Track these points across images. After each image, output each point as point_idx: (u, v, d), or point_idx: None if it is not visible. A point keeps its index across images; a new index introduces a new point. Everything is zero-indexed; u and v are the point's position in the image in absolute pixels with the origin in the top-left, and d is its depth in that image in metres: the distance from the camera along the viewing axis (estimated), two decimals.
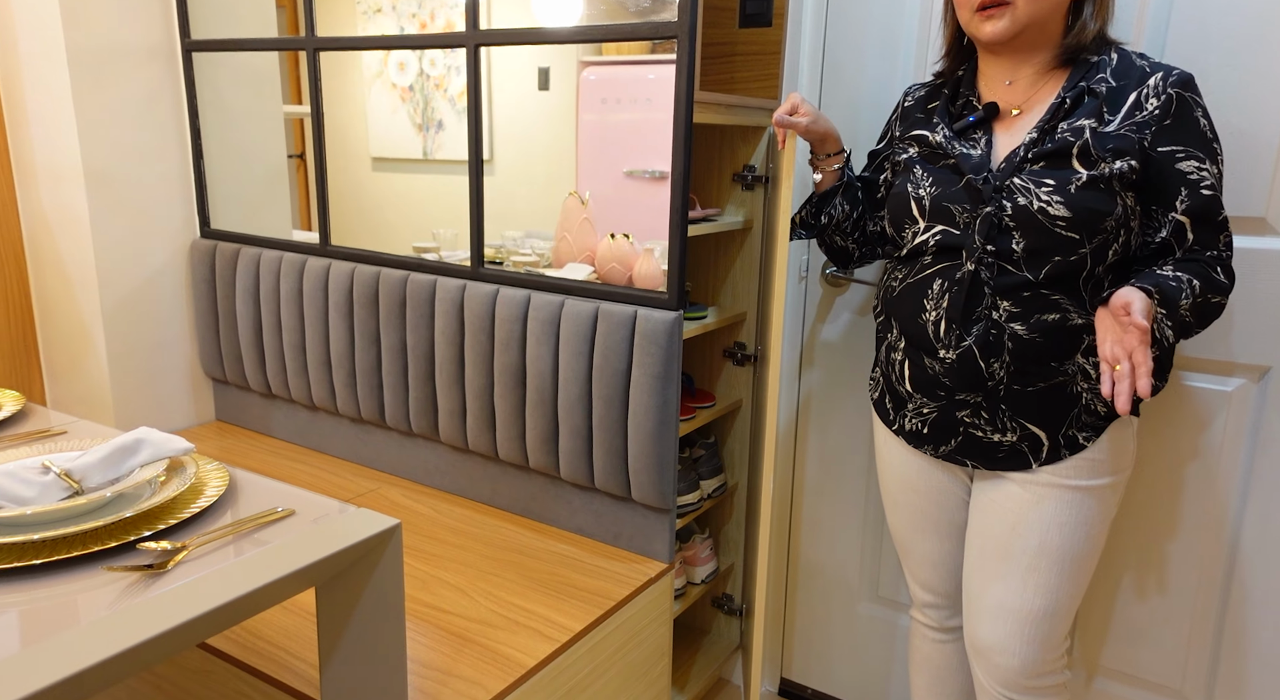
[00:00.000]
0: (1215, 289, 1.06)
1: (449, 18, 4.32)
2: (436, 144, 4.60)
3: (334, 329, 1.70)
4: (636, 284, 1.79)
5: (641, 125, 3.66)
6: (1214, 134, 1.07)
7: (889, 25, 1.49)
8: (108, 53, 1.66)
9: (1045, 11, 1.08)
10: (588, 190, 3.85)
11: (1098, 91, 1.08)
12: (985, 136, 1.16)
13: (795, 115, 1.29)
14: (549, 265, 2.03)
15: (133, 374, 1.80)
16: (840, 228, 1.36)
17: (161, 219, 1.81)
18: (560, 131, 3.77)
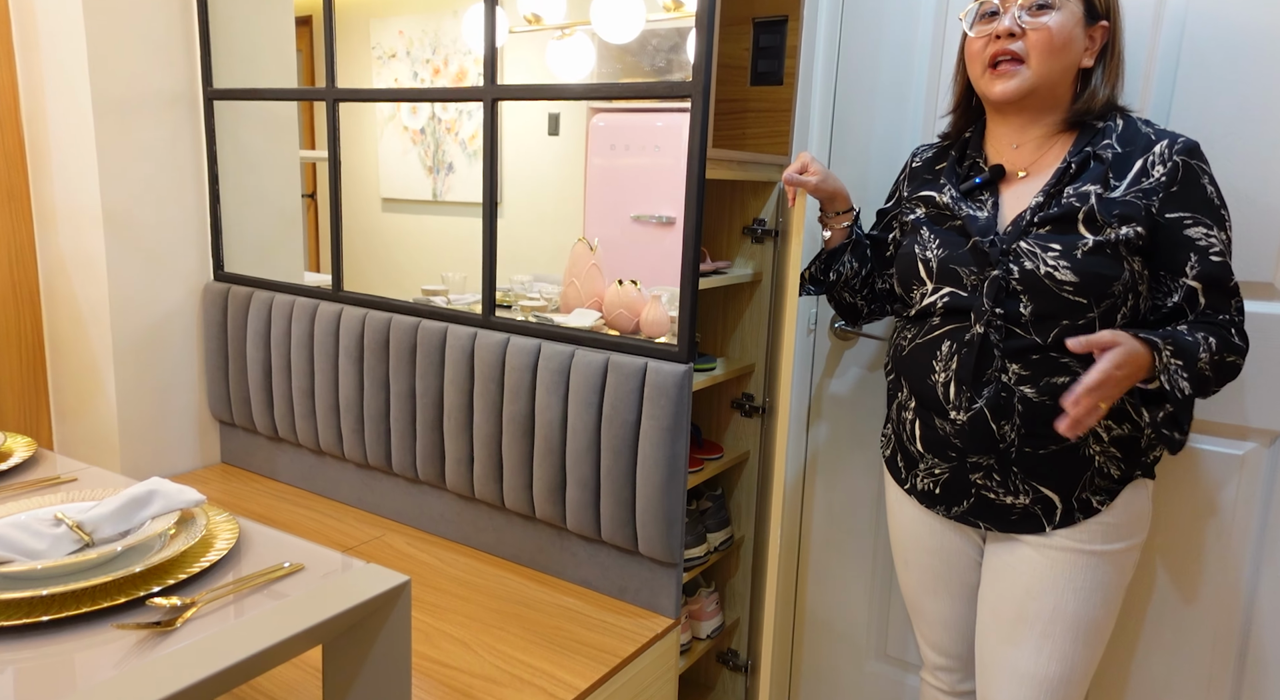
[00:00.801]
0: (1231, 349, 1.06)
1: (462, 64, 4.39)
2: (446, 186, 4.64)
3: (344, 374, 1.70)
4: (643, 330, 1.79)
5: (649, 171, 3.70)
6: (1221, 200, 1.08)
7: (897, 86, 1.52)
8: (132, 100, 1.69)
9: (1056, 73, 1.10)
10: (596, 236, 3.88)
11: (1103, 157, 1.10)
12: (992, 198, 1.17)
13: (805, 174, 1.31)
14: (557, 309, 2.04)
15: (141, 416, 1.80)
16: (849, 284, 1.37)
17: (176, 262, 1.83)
18: (569, 175, 3.82)
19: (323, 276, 2.44)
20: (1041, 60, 1.09)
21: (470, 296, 2.02)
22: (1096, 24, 1.11)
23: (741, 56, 1.64)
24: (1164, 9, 1.28)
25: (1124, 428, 1.12)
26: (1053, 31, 1.08)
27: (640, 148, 3.24)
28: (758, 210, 1.66)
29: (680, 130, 2.27)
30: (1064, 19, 1.08)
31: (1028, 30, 1.09)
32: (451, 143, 4.03)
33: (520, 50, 3.04)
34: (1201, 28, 1.26)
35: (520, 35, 2.60)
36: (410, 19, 3.96)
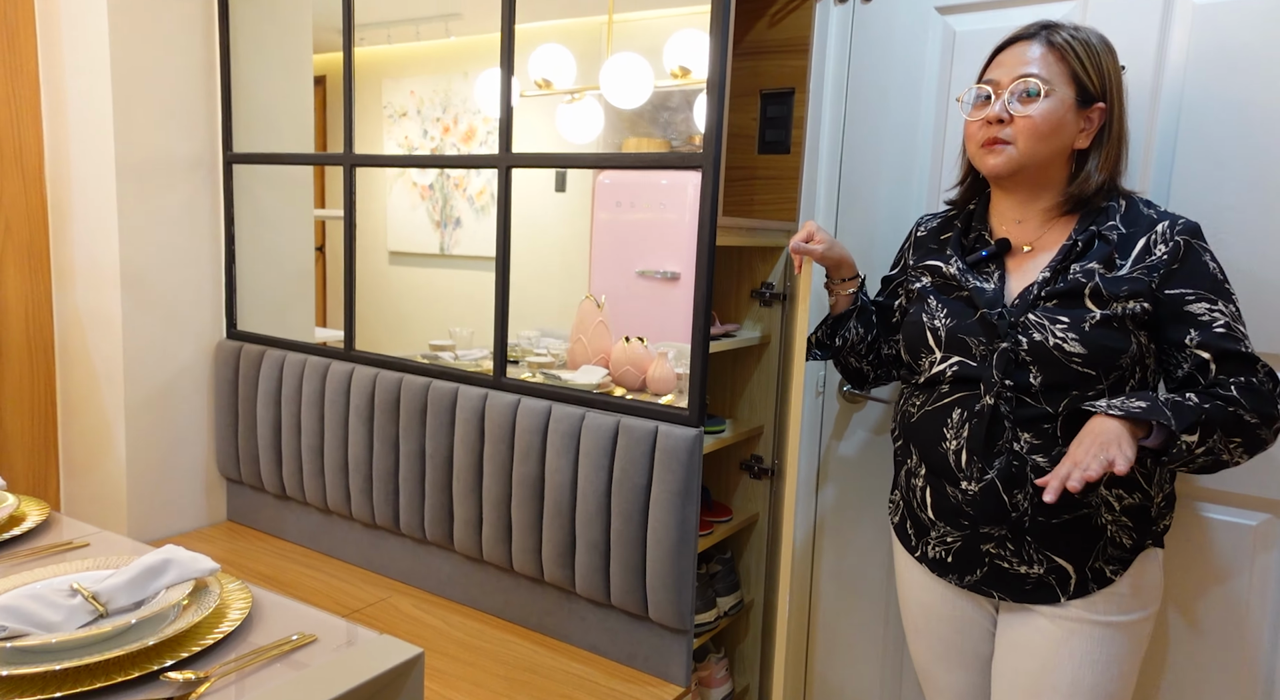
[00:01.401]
0: (1243, 408, 1.03)
1: (471, 122, 4.48)
2: (454, 240, 4.70)
3: (353, 433, 1.71)
4: (650, 387, 1.80)
5: (655, 227, 3.74)
6: (1224, 276, 1.10)
7: (902, 155, 1.56)
8: (153, 164, 1.73)
9: (1045, 156, 1.13)
10: (602, 291, 3.91)
11: (1109, 238, 1.12)
12: (998, 271, 1.19)
13: (811, 242, 1.34)
14: (563, 365, 2.06)
15: (149, 472, 1.80)
16: (854, 350, 1.39)
17: (190, 319, 1.85)
18: (575, 231, 3.86)
19: (331, 331, 2.46)
20: (1028, 143, 1.12)
21: (478, 352, 2.04)
22: (1091, 106, 1.13)
23: (749, 126, 1.69)
24: (1161, 87, 1.32)
25: (1134, 497, 1.13)
26: (1037, 120, 1.11)
27: (646, 204, 3.29)
28: (766, 274, 1.69)
29: (685, 187, 2.31)
30: (1051, 106, 1.11)
31: (1015, 117, 1.12)
32: (460, 198, 4.10)
33: (530, 113, 3.12)
34: (1200, 105, 1.30)
35: (531, 99, 2.67)
36: (422, 79, 4.06)
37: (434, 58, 4.04)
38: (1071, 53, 1.12)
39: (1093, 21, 1.35)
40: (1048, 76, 1.11)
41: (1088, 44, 1.13)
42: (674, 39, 2.23)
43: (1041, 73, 1.11)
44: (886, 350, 1.40)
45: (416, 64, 4.10)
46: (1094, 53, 1.13)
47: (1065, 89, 1.12)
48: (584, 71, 2.62)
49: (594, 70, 2.61)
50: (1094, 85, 1.13)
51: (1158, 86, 1.32)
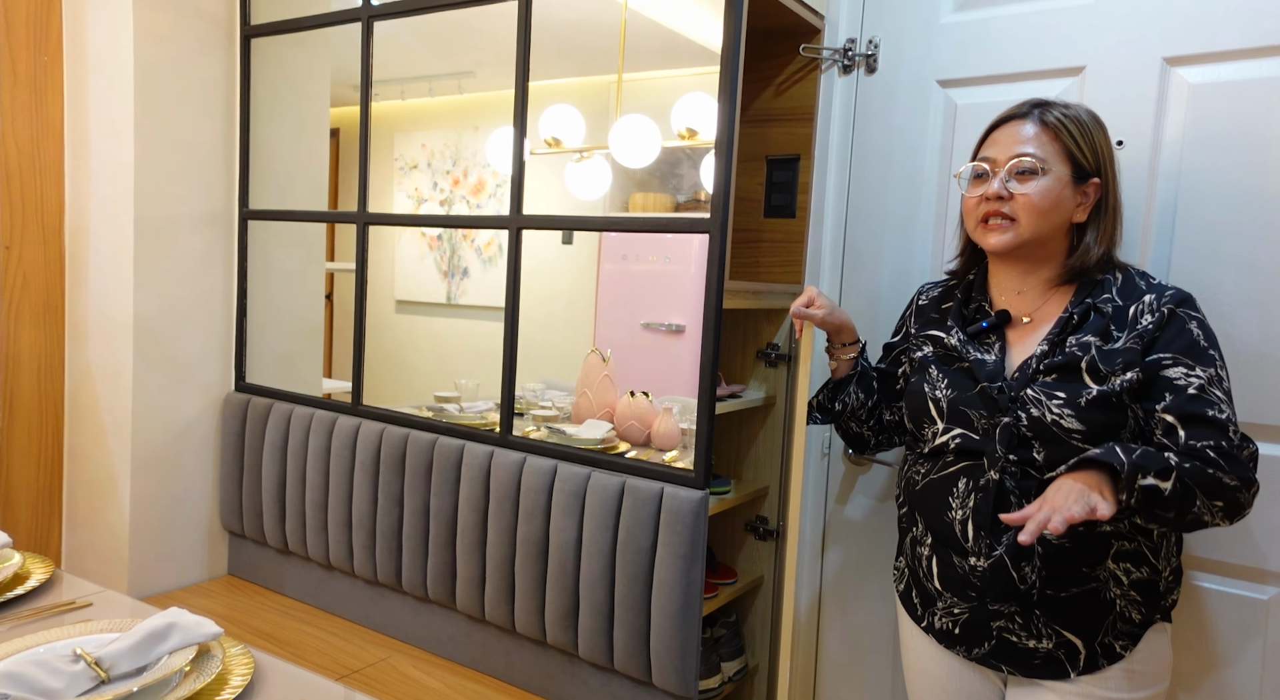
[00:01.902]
0: (1209, 463, 1.01)
1: (480, 175, 4.53)
2: (461, 290, 4.73)
3: (358, 488, 1.71)
4: (654, 442, 1.80)
5: (660, 279, 3.79)
6: (1210, 342, 1.10)
7: (905, 222, 1.59)
8: (171, 220, 1.77)
9: (1046, 231, 1.15)
10: (607, 342, 3.94)
11: (1104, 311, 1.13)
12: (999, 342, 1.20)
13: (811, 307, 1.35)
14: (568, 419, 2.06)
15: (152, 526, 1.80)
16: (855, 415, 1.40)
17: (199, 372, 1.87)
18: (581, 283, 3.91)
19: (337, 382, 2.47)
20: (1030, 220, 1.14)
21: (483, 404, 2.04)
22: (1087, 181, 1.16)
23: (755, 190, 1.73)
24: (1158, 164, 1.35)
25: (1142, 571, 1.12)
26: (1035, 198, 1.13)
27: (651, 257, 3.34)
28: (771, 335, 1.71)
29: (690, 241, 2.35)
30: (1048, 183, 1.13)
31: (1015, 194, 1.14)
32: (467, 248, 4.16)
33: (539, 170, 3.19)
34: (1197, 183, 1.32)
35: (540, 157, 2.73)
36: (433, 133, 4.16)
37: (445, 112, 4.14)
38: (1065, 131, 1.14)
39: (1090, 99, 1.39)
40: (1043, 155, 1.14)
41: (1079, 121, 1.16)
42: (682, 102, 2.29)
43: (1037, 151, 1.14)
44: (888, 417, 1.40)
45: (428, 118, 4.20)
46: (1086, 130, 1.15)
47: (1061, 166, 1.14)
48: (593, 129, 2.69)
49: (603, 128, 2.67)
50: (1088, 161, 1.15)
51: (1155, 164, 1.35)
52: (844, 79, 1.64)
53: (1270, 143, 1.27)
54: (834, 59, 1.63)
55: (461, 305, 4.16)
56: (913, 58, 1.56)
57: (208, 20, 1.80)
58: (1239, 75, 1.27)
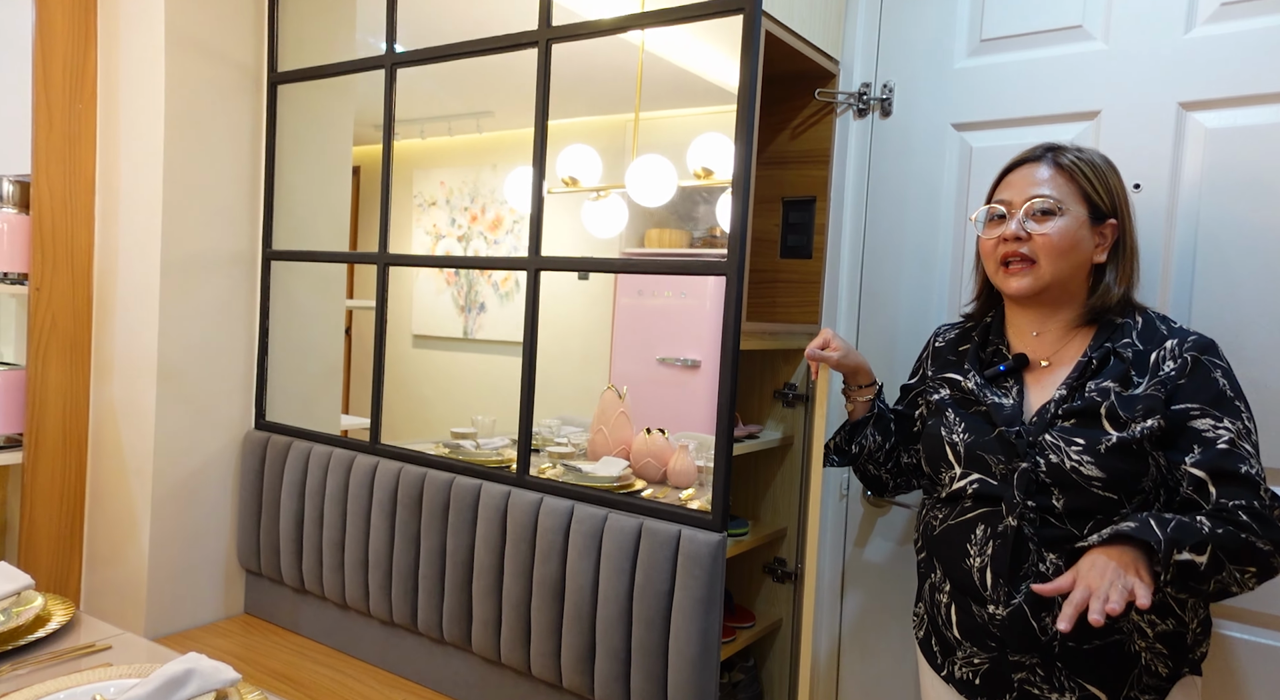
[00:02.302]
0: (1242, 527, 0.99)
1: (498, 212, 4.58)
2: (478, 324, 4.76)
3: (375, 527, 1.71)
4: (670, 480, 1.80)
5: (676, 313, 3.79)
6: (1236, 392, 1.08)
7: (922, 263, 1.60)
8: (196, 261, 1.80)
9: (1067, 272, 1.15)
10: (622, 377, 3.93)
11: (1124, 355, 1.11)
12: (1016, 386, 1.19)
13: (827, 349, 1.35)
14: (584, 455, 2.06)
15: (171, 564, 1.80)
16: (873, 457, 1.39)
17: (220, 410, 1.89)
18: (597, 317, 3.91)
19: (355, 419, 2.49)
20: (1050, 261, 1.14)
21: (499, 440, 2.05)
22: (1104, 222, 1.16)
23: (772, 231, 1.74)
24: (1176, 207, 1.35)
25: (1168, 623, 1.10)
26: (1054, 237, 1.13)
27: (666, 292, 3.36)
28: (789, 375, 1.71)
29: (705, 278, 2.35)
30: (1067, 223, 1.13)
31: (1034, 234, 1.14)
32: (484, 284, 4.20)
33: (556, 208, 3.23)
34: (1216, 225, 1.32)
35: (558, 195, 2.77)
36: (451, 170, 4.23)
37: (464, 150, 4.21)
38: (1080, 173, 1.15)
39: (1106, 143, 1.39)
40: (1060, 196, 1.14)
41: (1093, 164, 1.16)
42: (697, 142, 2.32)
43: (1054, 193, 1.14)
44: (906, 459, 1.39)
45: (447, 156, 4.27)
46: (1100, 172, 1.16)
47: (1078, 207, 1.15)
48: (610, 167, 2.72)
49: (619, 166, 2.71)
50: (1104, 202, 1.15)
51: (1173, 207, 1.35)
52: (859, 122, 1.65)
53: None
54: (849, 103, 1.65)
55: (478, 340, 4.20)
56: (927, 101, 1.58)
57: (236, 68, 1.85)
58: (1255, 120, 1.27)
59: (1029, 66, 1.47)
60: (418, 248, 4.25)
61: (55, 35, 1.72)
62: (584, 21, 1.49)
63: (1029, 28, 1.46)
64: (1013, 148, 1.48)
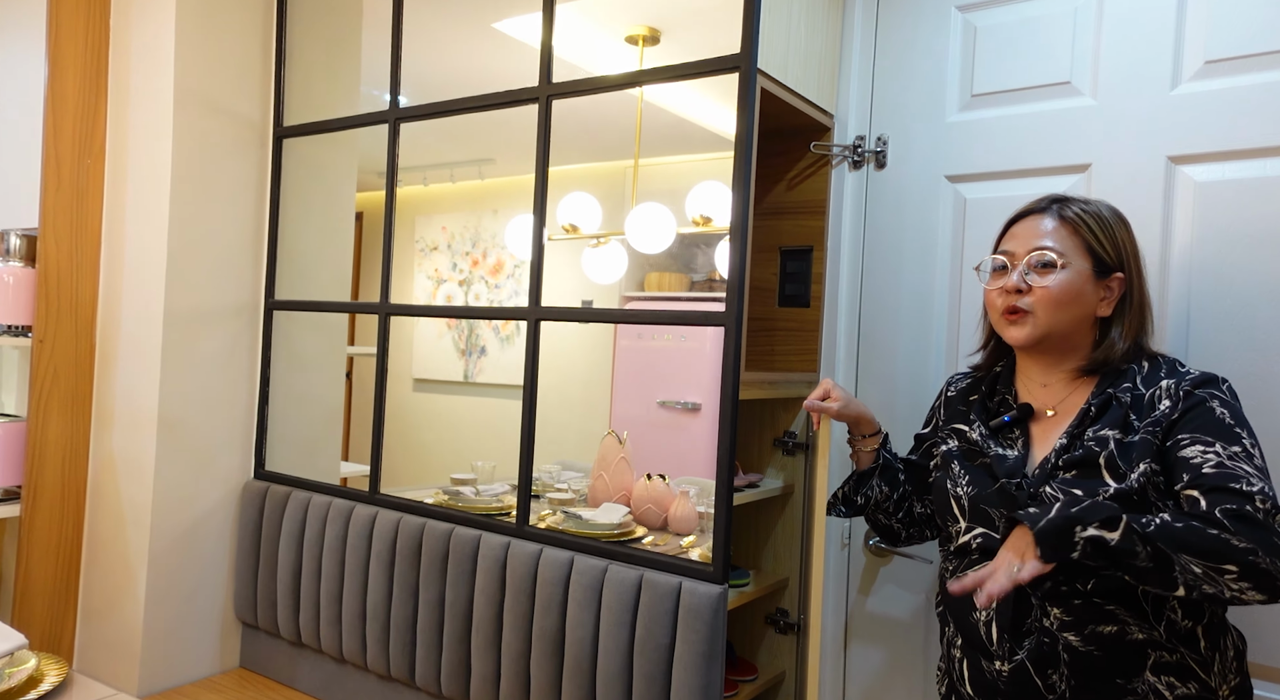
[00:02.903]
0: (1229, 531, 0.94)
1: (499, 257, 4.61)
2: (478, 368, 4.76)
3: (373, 579, 1.70)
4: (671, 526, 1.78)
5: (675, 356, 3.78)
6: (1238, 420, 1.05)
7: (919, 311, 1.61)
8: (199, 313, 1.82)
9: (1066, 325, 1.14)
10: (623, 420, 3.91)
11: (1123, 400, 1.10)
12: (1022, 437, 1.19)
13: (827, 401, 1.35)
14: (584, 501, 2.05)
15: (166, 618, 1.78)
16: (881, 508, 1.38)
17: (220, 461, 1.88)
18: (598, 360, 3.92)
19: (354, 466, 2.48)
20: (1048, 314, 1.13)
21: (499, 486, 2.04)
22: (1110, 276, 1.15)
23: (770, 280, 1.76)
24: (1170, 259, 1.36)
25: (1190, 687, 1.06)
26: (1054, 290, 1.12)
27: (666, 335, 3.37)
28: (788, 423, 1.71)
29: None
30: (1068, 277, 1.13)
31: (1034, 287, 1.14)
32: (485, 327, 4.22)
33: (557, 254, 3.26)
34: (1207, 276, 1.33)
35: (558, 242, 2.80)
36: (453, 215, 4.28)
37: (466, 196, 4.26)
38: (1084, 226, 1.14)
39: (1097, 196, 1.40)
40: (1062, 249, 1.14)
41: (1099, 216, 1.16)
42: (696, 190, 2.35)
43: (1056, 245, 1.14)
44: (920, 509, 1.38)
45: (449, 201, 4.33)
46: (1106, 224, 1.15)
47: (1081, 261, 1.14)
48: (610, 212, 2.76)
49: (619, 211, 2.74)
50: (1109, 256, 1.15)
51: (1166, 259, 1.36)
52: (854, 174, 1.68)
53: (1273, 238, 1.28)
54: (844, 155, 1.68)
55: (479, 383, 4.20)
56: (921, 154, 1.60)
57: (243, 123, 1.89)
58: (1242, 174, 1.29)
59: (1020, 121, 1.50)
60: (419, 292, 4.28)
61: (67, 93, 1.76)
62: (583, 78, 1.52)
63: (1018, 83, 1.50)
64: (1006, 199, 1.51)
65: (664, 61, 1.44)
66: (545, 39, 1.56)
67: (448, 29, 2.31)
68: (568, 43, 2.25)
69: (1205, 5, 1.33)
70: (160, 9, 1.75)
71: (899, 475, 1.38)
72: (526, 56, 1.58)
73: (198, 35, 1.77)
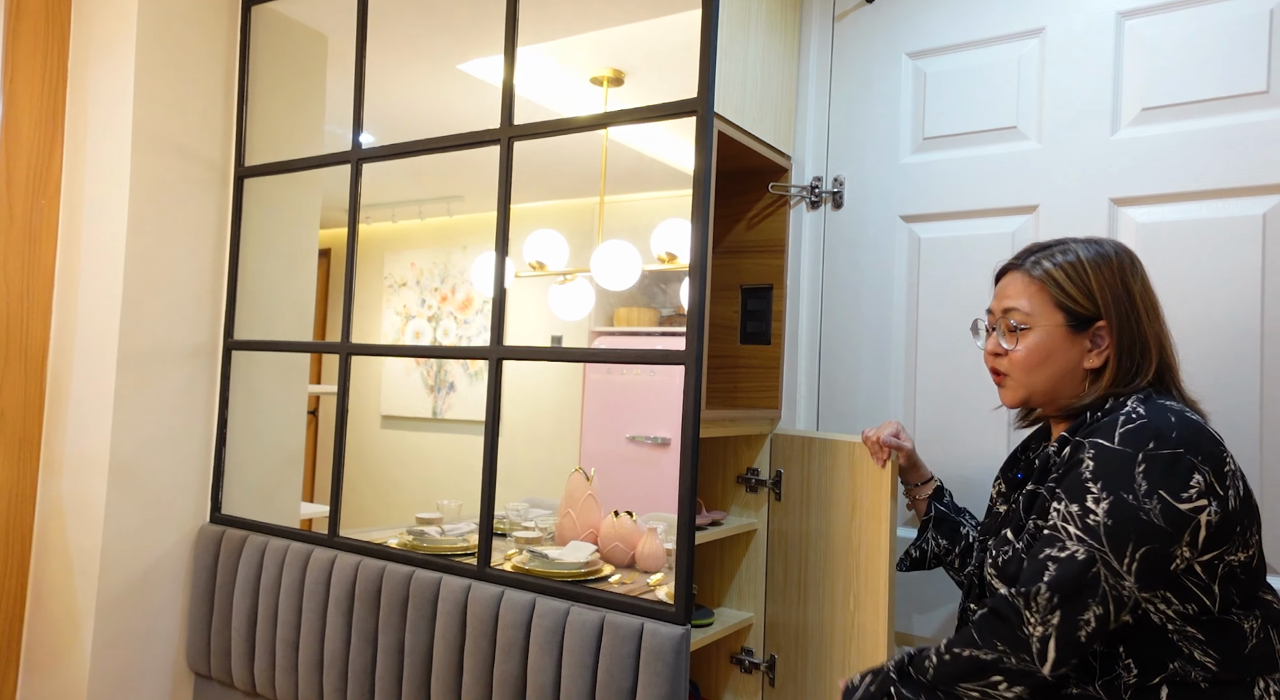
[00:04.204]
0: (975, 646, 0.99)
1: (468, 292, 4.60)
2: (447, 404, 4.71)
3: (331, 625, 1.66)
4: (639, 564, 1.77)
5: (644, 391, 3.78)
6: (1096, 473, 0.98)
7: (878, 348, 1.63)
8: (155, 354, 1.79)
9: (1043, 384, 1.10)
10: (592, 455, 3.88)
11: (1049, 452, 1.09)
12: None
13: (900, 437, 1.34)
14: (551, 539, 2.02)
15: (115, 670, 1.72)
16: (946, 563, 1.35)
17: (174, 505, 1.84)
18: (567, 395, 3.90)
19: (317, 507, 2.43)
20: (1023, 376, 1.11)
21: (465, 525, 2.01)
22: (1089, 327, 1.09)
23: (731, 317, 1.77)
24: None
25: None
26: (1022, 354, 1.10)
27: (636, 369, 3.37)
28: (751, 460, 1.71)
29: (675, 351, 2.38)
30: (1036, 339, 1.10)
31: (1006, 351, 1.12)
32: (454, 363, 4.20)
33: (525, 291, 3.26)
34: None
35: (526, 279, 2.80)
36: (422, 252, 4.28)
37: (435, 233, 4.26)
38: (1051, 282, 1.09)
39: (1045, 236, 1.44)
40: (1029, 310, 1.10)
41: (1073, 267, 1.09)
42: (660, 228, 2.37)
43: (1023, 306, 1.11)
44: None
45: (418, 238, 4.32)
46: (1079, 274, 1.09)
47: (1050, 318, 1.09)
48: (577, 249, 2.77)
49: (586, 248, 2.76)
50: (1084, 307, 1.08)
51: None
52: (812, 214, 1.71)
53: (1210, 277, 1.32)
54: (802, 195, 1.71)
55: (448, 419, 4.16)
56: (876, 195, 1.64)
57: (202, 164, 1.88)
58: (1180, 216, 1.34)
59: (970, 163, 1.54)
60: (388, 328, 4.25)
61: (21, 132, 1.74)
62: (545, 121, 1.54)
63: (968, 127, 1.54)
64: (959, 239, 1.55)
65: (628, 102, 1.47)
66: (507, 81, 1.58)
67: (414, 69, 2.33)
68: (533, 84, 2.28)
69: (1141, 55, 1.38)
70: (119, 48, 1.75)
71: (960, 528, 1.35)
72: (493, 97, 1.60)
73: (158, 75, 1.77)
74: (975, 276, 1.52)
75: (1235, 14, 1.31)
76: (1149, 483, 0.96)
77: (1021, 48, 1.49)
